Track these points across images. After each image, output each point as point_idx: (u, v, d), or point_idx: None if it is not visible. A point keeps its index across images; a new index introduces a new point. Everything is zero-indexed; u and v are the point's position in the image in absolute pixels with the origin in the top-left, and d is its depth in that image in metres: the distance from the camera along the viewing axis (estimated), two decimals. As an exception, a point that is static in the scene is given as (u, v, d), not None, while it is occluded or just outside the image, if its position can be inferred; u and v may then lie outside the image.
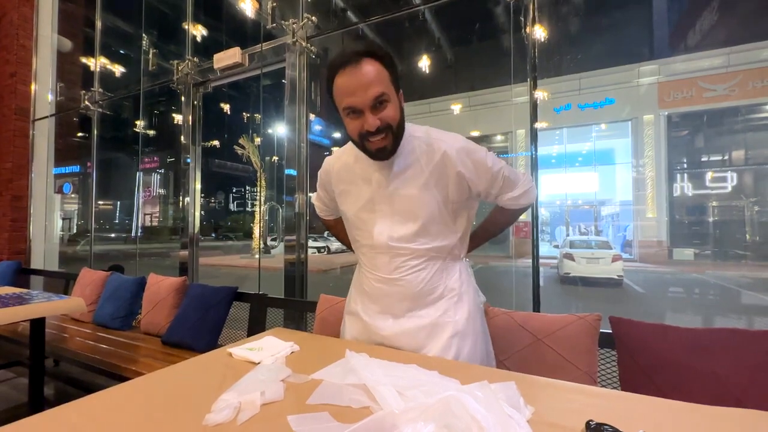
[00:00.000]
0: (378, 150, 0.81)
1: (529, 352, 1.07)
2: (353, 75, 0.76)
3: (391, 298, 0.89)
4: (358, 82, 0.76)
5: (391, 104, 0.79)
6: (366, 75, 0.76)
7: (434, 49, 12.07)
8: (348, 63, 0.76)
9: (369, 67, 0.76)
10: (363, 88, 0.76)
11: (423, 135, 0.88)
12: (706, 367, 0.96)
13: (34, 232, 3.99)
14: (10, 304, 1.55)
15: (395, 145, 0.83)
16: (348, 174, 0.94)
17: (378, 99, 0.77)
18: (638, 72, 10.84)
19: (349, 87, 0.77)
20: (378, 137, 0.79)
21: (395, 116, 0.80)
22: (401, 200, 0.86)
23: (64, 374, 2.53)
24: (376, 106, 0.78)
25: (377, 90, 0.76)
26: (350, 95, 0.77)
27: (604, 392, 0.66)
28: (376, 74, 0.76)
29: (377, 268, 0.90)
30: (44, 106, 4.07)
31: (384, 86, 0.77)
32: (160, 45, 3.67)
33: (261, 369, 0.75)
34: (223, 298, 1.93)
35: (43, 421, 0.57)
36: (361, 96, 0.76)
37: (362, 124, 0.79)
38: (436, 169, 0.85)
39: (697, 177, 10.64)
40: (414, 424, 0.49)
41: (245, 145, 12.65)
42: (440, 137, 0.87)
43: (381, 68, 0.78)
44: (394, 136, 0.81)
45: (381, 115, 0.78)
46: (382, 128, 0.79)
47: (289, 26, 2.34)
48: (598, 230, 13.04)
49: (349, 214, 0.95)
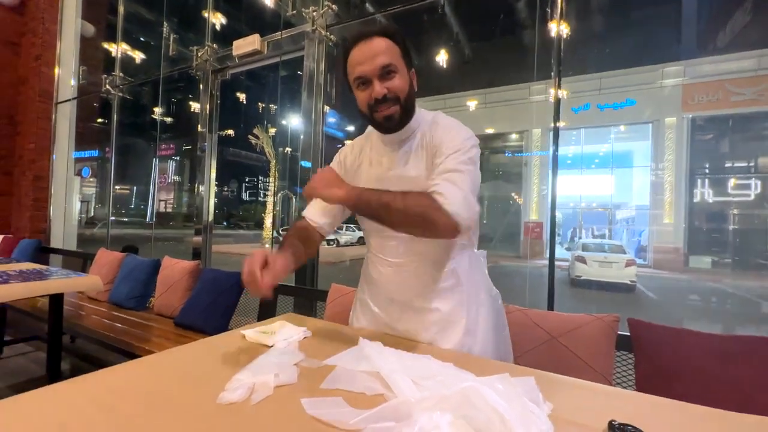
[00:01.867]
0: (385, 118, 0.82)
1: (544, 350, 1.04)
2: (363, 47, 0.81)
3: (399, 284, 0.89)
4: (367, 53, 0.80)
5: (399, 75, 0.82)
6: (375, 46, 0.81)
7: (452, 44, 11.91)
8: (361, 39, 0.82)
9: (379, 40, 0.81)
10: (371, 57, 0.80)
11: (430, 119, 0.89)
12: (729, 375, 0.93)
13: (54, 213, 4.10)
14: (30, 279, 1.60)
15: (404, 117, 0.84)
16: (362, 155, 0.96)
17: (385, 68, 0.80)
18: (662, 73, 10.50)
19: (359, 57, 0.81)
20: (385, 105, 0.82)
21: (403, 87, 0.82)
22: (409, 182, 0.85)
23: (80, 350, 2.61)
24: (384, 76, 0.81)
25: (385, 59, 0.80)
26: (360, 64, 0.81)
27: (625, 393, 0.64)
28: (385, 47, 0.81)
29: (385, 253, 0.90)
30: (67, 90, 4.15)
31: (392, 58, 0.81)
32: (180, 32, 3.69)
33: (274, 352, 0.75)
34: (235, 284, 1.95)
35: (61, 389, 0.58)
36: (369, 65, 0.80)
37: (370, 93, 0.82)
38: (429, 151, 0.86)
39: (719, 183, 10.30)
40: (430, 413, 0.48)
41: (259, 135, 12.75)
42: (440, 121, 0.88)
43: (391, 43, 0.82)
44: (402, 108, 0.83)
45: (388, 84, 0.81)
46: (390, 97, 0.81)
47: (309, 14, 2.32)
48: (612, 234, 12.79)
49: None
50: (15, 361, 2.45)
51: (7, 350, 2.52)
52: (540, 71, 7.86)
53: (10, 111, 4.11)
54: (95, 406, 0.53)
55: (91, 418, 0.50)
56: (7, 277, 1.61)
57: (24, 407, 0.53)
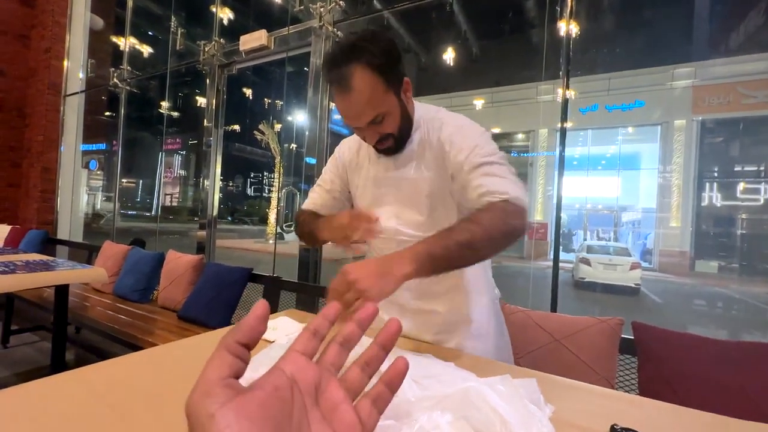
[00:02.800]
0: (381, 151, 0.83)
1: (546, 352, 1.04)
2: (344, 100, 0.73)
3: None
4: (350, 109, 0.74)
5: (390, 116, 0.77)
6: (357, 101, 0.72)
7: (460, 42, 11.83)
8: (338, 83, 0.72)
9: (359, 86, 0.70)
10: (356, 115, 0.75)
11: (431, 117, 0.85)
12: (734, 381, 0.92)
13: (61, 205, 4.14)
14: (37, 269, 1.61)
15: (399, 144, 0.83)
16: (359, 154, 0.94)
17: (372, 121, 0.76)
18: (673, 74, 10.36)
19: (342, 110, 0.76)
20: (379, 144, 0.80)
21: (395, 126, 0.79)
22: (408, 184, 0.85)
23: (84, 341, 2.64)
24: (374, 123, 0.76)
25: (370, 115, 0.74)
26: (346, 119, 0.78)
27: (628, 397, 0.63)
28: (366, 96, 0.71)
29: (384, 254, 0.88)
30: (75, 83, 4.18)
31: (378, 106, 0.74)
32: (188, 27, 3.71)
33: (275, 347, 0.75)
34: (238, 279, 1.96)
35: (66, 379, 0.59)
36: (356, 121, 0.77)
37: (363, 136, 0.81)
38: (434, 151, 0.82)
39: (728, 187, 10.17)
40: (430, 412, 0.48)
41: (265, 130, 12.76)
42: (443, 117, 0.83)
43: (372, 80, 0.71)
44: (396, 139, 0.81)
45: (380, 129, 0.78)
46: (383, 138, 0.79)
47: (316, 10, 2.31)
48: (617, 236, 12.68)
49: (358, 199, 0.94)
50: (21, 351, 2.48)
51: (13, 339, 2.55)
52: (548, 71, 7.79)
53: (20, 103, 4.16)
54: (99, 398, 0.54)
55: (94, 409, 0.51)
56: (15, 267, 1.63)
57: (29, 396, 0.53)
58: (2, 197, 4.06)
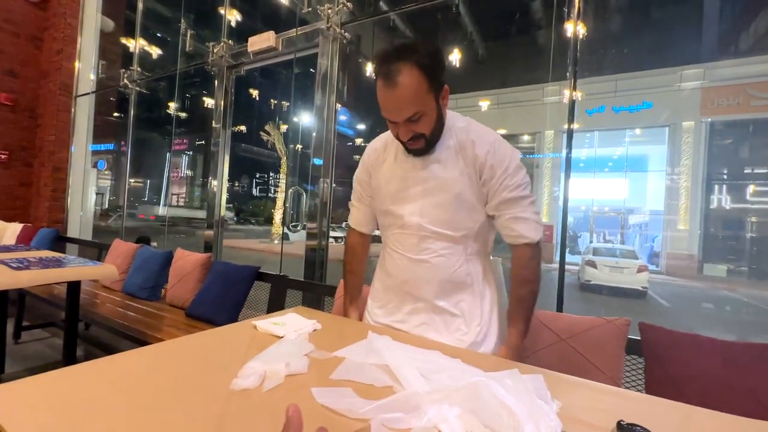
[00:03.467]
0: (411, 150, 0.87)
1: (552, 351, 1.04)
2: (388, 93, 0.79)
3: (415, 279, 0.90)
4: (392, 102, 0.80)
5: (426, 117, 0.81)
6: (400, 95, 0.78)
7: (466, 43, 11.82)
8: (386, 76, 0.78)
9: (405, 81, 0.77)
10: (397, 108, 0.80)
11: (464, 125, 0.90)
12: (742, 383, 0.91)
13: (71, 204, 4.20)
14: (49, 266, 1.65)
15: (429, 146, 0.87)
16: (385, 154, 0.97)
17: (410, 118, 0.80)
18: (681, 76, 10.26)
19: (384, 103, 0.81)
20: (411, 142, 0.84)
21: (429, 128, 0.83)
22: (434, 183, 0.88)
23: (94, 337, 2.68)
24: (411, 120, 0.81)
25: (410, 111, 0.79)
26: (386, 110, 0.82)
27: (634, 395, 0.64)
28: (411, 92, 0.78)
29: (404, 248, 0.91)
30: (86, 83, 4.25)
31: (418, 104, 0.79)
32: (197, 28, 3.75)
33: (285, 342, 0.76)
34: (246, 277, 1.98)
35: (81, 370, 0.61)
36: (395, 115, 0.81)
37: (397, 132, 0.84)
38: (467, 159, 0.87)
39: (737, 189, 10.03)
40: (439, 405, 0.49)
41: (271, 131, 12.85)
42: (478, 129, 0.89)
43: (418, 79, 0.77)
44: (428, 141, 0.85)
45: (415, 128, 0.82)
46: (416, 136, 0.83)
47: (324, 11, 2.33)
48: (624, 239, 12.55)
49: (382, 194, 0.96)
50: (32, 346, 2.52)
51: (25, 335, 2.60)
52: (555, 72, 7.74)
53: (32, 104, 4.23)
54: (113, 388, 0.55)
55: (109, 399, 0.52)
56: (28, 263, 1.66)
57: (44, 386, 0.55)
58: (14, 196, 4.14)
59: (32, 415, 0.47)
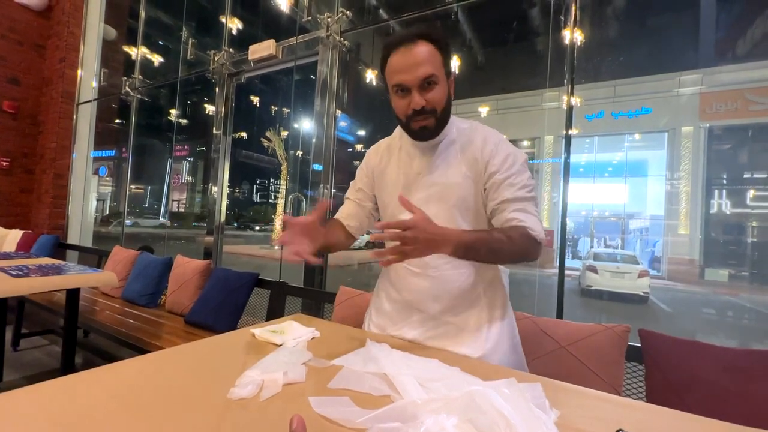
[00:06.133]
0: (420, 128, 0.83)
1: (552, 359, 1.04)
2: (406, 54, 0.78)
3: (421, 294, 0.88)
4: (410, 61, 0.78)
5: (439, 86, 0.80)
6: (418, 55, 0.78)
7: (465, 50, 11.92)
8: (403, 42, 0.79)
9: (423, 48, 0.78)
10: (414, 67, 0.78)
11: (467, 127, 0.89)
12: (743, 390, 0.91)
13: (72, 210, 4.21)
14: (49, 273, 1.65)
15: (438, 128, 0.84)
16: (389, 159, 0.95)
17: (427, 79, 0.78)
18: (679, 81, 10.32)
19: (401, 65, 0.79)
20: (422, 117, 0.81)
21: (441, 99, 0.81)
22: (437, 189, 0.86)
23: (93, 345, 2.67)
24: (424, 87, 0.79)
25: (427, 70, 0.78)
26: (401, 73, 0.79)
27: (633, 403, 0.63)
28: (428, 55, 0.78)
29: (409, 262, 0.89)
30: (88, 91, 4.28)
31: (434, 68, 0.79)
32: (198, 36, 3.79)
33: (283, 351, 0.76)
34: (245, 283, 1.98)
35: (78, 379, 0.60)
36: (412, 74, 0.78)
37: (409, 103, 0.81)
38: (471, 161, 0.85)
39: (737, 194, 10.03)
40: (436, 415, 0.48)
41: (272, 138, 12.90)
42: (482, 129, 0.88)
43: (435, 50, 0.79)
44: (437, 119, 0.82)
45: (428, 96, 0.80)
46: (428, 109, 0.80)
47: (324, 20, 2.36)
48: (624, 244, 12.53)
49: (385, 201, 0.95)
50: (30, 354, 2.51)
51: (24, 343, 2.59)
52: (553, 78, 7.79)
53: (34, 111, 4.26)
54: (110, 397, 0.55)
55: (106, 409, 0.52)
56: (29, 270, 1.66)
57: (42, 396, 0.55)
58: (15, 202, 4.15)
59: (30, 425, 0.47)
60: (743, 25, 10.32)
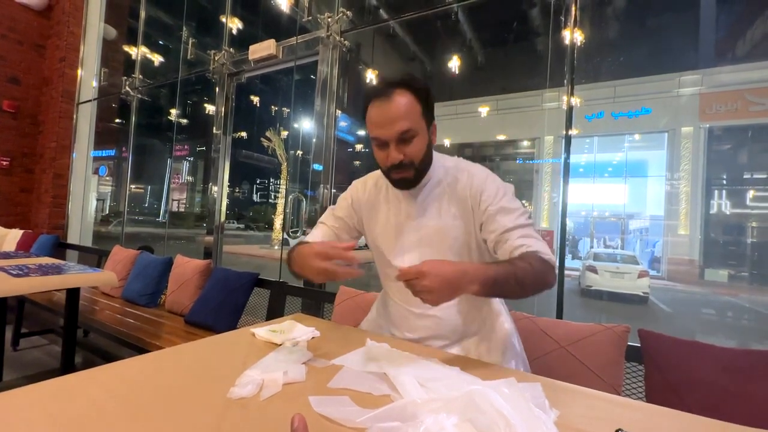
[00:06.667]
0: (399, 180, 0.83)
1: (552, 359, 1.04)
2: (383, 107, 0.78)
3: (426, 330, 0.88)
4: (386, 116, 0.78)
5: (418, 139, 0.80)
6: (394, 109, 0.77)
7: (465, 50, 11.93)
8: (380, 95, 0.78)
9: (400, 100, 0.77)
10: (390, 122, 0.77)
11: (452, 165, 0.88)
12: (743, 390, 0.91)
13: (72, 210, 4.21)
14: (49, 273, 1.65)
15: (417, 178, 0.84)
16: (376, 198, 0.93)
17: (403, 134, 0.78)
18: (679, 82, 10.32)
19: (378, 118, 0.79)
20: (400, 170, 0.81)
21: (419, 153, 0.80)
22: (428, 231, 0.85)
23: (93, 345, 2.67)
24: (402, 140, 0.79)
25: (403, 125, 0.77)
26: (378, 127, 0.79)
27: (633, 403, 0.63)
28: (405, 108, 0.77)
29: (407, 302, 0.89)
30: (88, 90, 4.28)
31: (412, 121, 0.78)
32: (198, 36, 3.79)
33: (283, 350, 0.76)
34: (245, 283, 1.98)
35: (78, 379, 0.60)
36: (388, 129, 0.78)
37: (387, 155, 0.80)
38: (460, 200, 0.84)
39: (737, 194, 10.04)
40: (436, 415, 0.48)
41: (272, 137, 12.91)
42: (468, 168, 0.87)
43: (413, 101, 0.78)
44: (417, 171, 0.82)
45: (406, 150, 0.79)
46: (405, 163, 0.80)
47: (324, 20, 2.36)
48: (624, 244, 12.53)
49: (377, 243, 0.93)
50: (30, 354, 2.51)
51: (23, 342, 2.59)
52: (553, 78, 7.79)
53: (34, 111, 4.26)
54: (110, 397, 0.55)
55: (106, 408, 0.52)
56: (28, 270, 1.66)
57: (42, 395, 0.55)
58: (15, 202, 4.15)
59: (30, 425, 0.47)
60: (743, 26, 10.33)
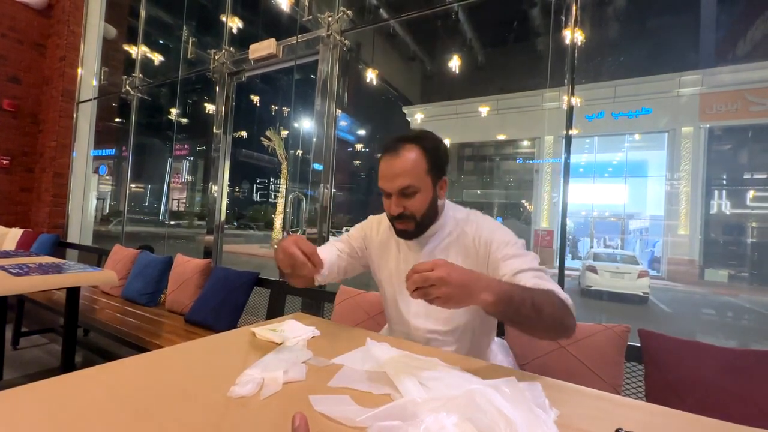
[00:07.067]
0: (401, 231, 0.86)
1: (551, 359, 1.04)
2: (389, 162, 0.82)
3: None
4: (390, 170, 0.82)
5: (420, 194, 0.82)
6: (399, 165, 0.81)
7: (465, 50, 11.93)
8: (390, 149, 0.83)
9: (407, 155, 0.81)
10: (393, 176, 0.81)
11: (462, 217, 0.89)
12: (742, 390, 0.91)
13: (72, 209, 4.21)
14: (49, 272, 1.65)
15: (419, 230, 0.86)
16: (389, 241, 0.96)
17: (403, 190, 0.81)
18: (679, 82, 10.31)
19: (383, 172, 0.83)
20: (400, 221, 0.84)
21: (420, 207, 0.83)
22: None
23: (93, 344, 2.67)
24: (403, 194, 0.82)
25: (404, 182, 0.81)
26: (383, 179, 0.83)
27: (633, 403, 0.64)
28: (410, 165, 0.81)
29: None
30: (88, 90, 4.28)
31: (414, 178, 0.81)
32: (199, 36, 3.79)
33: (283, 350, 0.76)
34: (245, 283, 1.98)
35: (78, 378, 0.60)
36: (390, 183, 0.82)
37: (390, 206, 0.84)
38: (468, 250, 0.85)
39: (737, 195, 10.04)
40: (436, 414, 0.48)
41: (272, 137, 12.90)
42: (477, 219, 0.88)
43: (419, 158, 0.81)
44: (417, 224, 0.84)
45: (406, 204, 0.82)
46: (406, 215, 0.83)
47: (324, 19, 2.36)
48: (624, 244, 12.53)
49: (384, 285, 0.96)
50: (30, 352, 2.51)
51: (23, 341, 2.59)
52: (553, 78, 7.79)
53: (34, 110, 4.26)
54: (110, 396, 0.55)
55: (106, 407, 0.52)
56: (29, 269, 1.66)
57: (42, 394, 0.55)
58: (15, 201, 4.14)
59: (30, 424, 0.47)
60: (743, 26, 10.32)
